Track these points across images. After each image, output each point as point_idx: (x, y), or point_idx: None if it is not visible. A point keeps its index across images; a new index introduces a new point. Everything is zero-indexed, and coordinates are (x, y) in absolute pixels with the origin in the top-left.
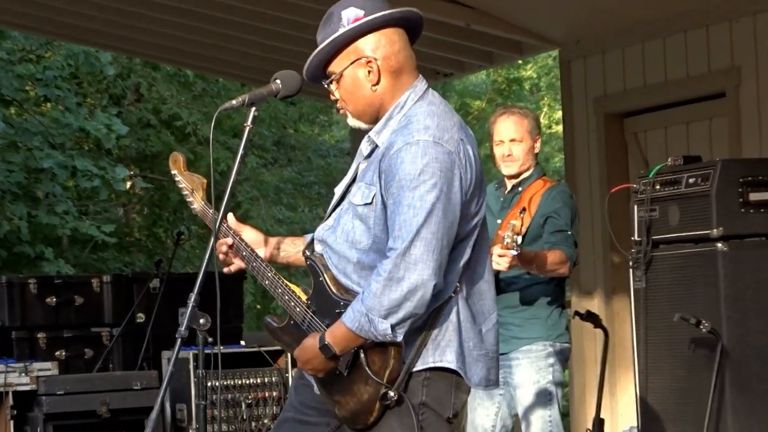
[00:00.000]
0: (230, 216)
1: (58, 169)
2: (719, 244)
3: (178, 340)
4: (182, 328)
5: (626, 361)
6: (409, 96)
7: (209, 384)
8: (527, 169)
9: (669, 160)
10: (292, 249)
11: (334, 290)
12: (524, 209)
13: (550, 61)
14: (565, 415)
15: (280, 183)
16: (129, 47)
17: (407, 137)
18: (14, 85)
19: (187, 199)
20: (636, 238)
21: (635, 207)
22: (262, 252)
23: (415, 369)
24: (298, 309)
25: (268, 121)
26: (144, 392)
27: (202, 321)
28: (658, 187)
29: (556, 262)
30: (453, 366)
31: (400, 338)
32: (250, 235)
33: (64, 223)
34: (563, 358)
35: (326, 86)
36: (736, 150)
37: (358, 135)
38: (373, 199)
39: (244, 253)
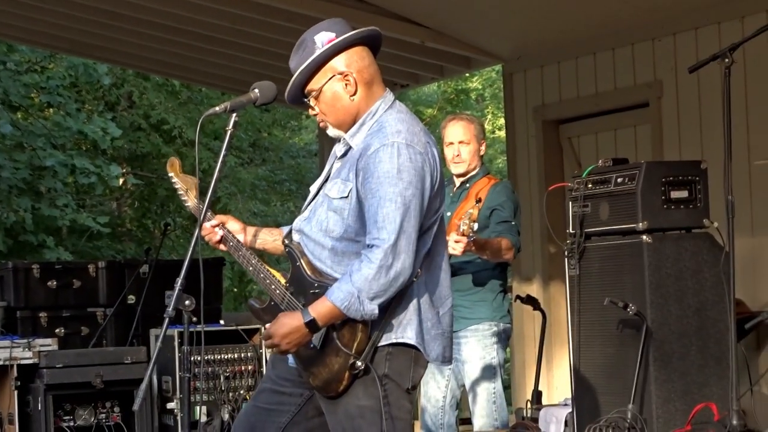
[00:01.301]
0: (231, 220)
1: (59, 167)
2: (644, 237)
3: (166, 319)
4: (169, 309)
5: (562, 339)
6: (380, 105)
7: (192, 359)
8: (474, 168)
9: (599, 162)
10: (269, 237)
11: (309, 274)
12: (480, 200)
13: (494, 74)
14: (507, 387)
15: (256, 180)
16: (123, 60)
17: (383, 139)
18: (21, 93)
19: (182, 198)
20: (570, 230)
21: (570, 203)
22: (242, 238)
23: (379, 344)
24: (278, 291)
25: (245, 126)
26: (134, 366)
27: (187, 302)
28: (590, 185)
29: (504, 249)
30: (413, 342)
31: (376, 317)
32: (233, 225)
33: (64, 215)
34: (506, 336)
35: (306, 103)
36: (658, 153)
37: (325, 138)
38: (349, 194)
39: (231, 243)
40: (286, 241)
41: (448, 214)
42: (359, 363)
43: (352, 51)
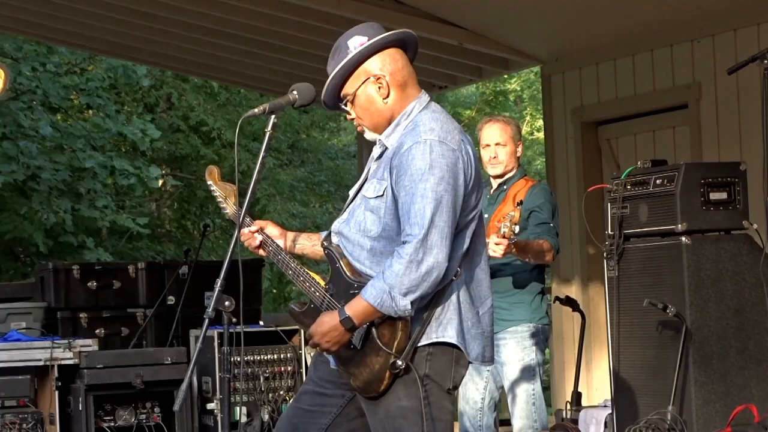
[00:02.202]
0: (270, 225)
1: (99, 168)
2: (683, 238)
3: (205, 320)
4: (209, 310)
5: (601, 341)
6: (414, 106)
7: (232, 359)
8: (511, 170)
9: (638, 163)
10: (307, 242)
11: (349, 274)
12: (520, 202)
13: (533, 75)
14: (546, 389)
15: (294, 182)
16: (162, 61)
17: (416, 137)
18: (61, 95)
19: (221, 205)
20: (609, 232)
21: (609, 205)
22: (281, 243)
23: (419, 344)
24: (317, 293)
25: (284, 127)
26: (174, 366)
27: (226, 303)
28: (629, 187)
29: (544, 250)
30: (454, 341)
31: (413, 313)
32: (272, 230)
33: (104, 216)
34: (544, 338)
35: (343, 108)
36: (697, 155)
37: (363, 140)
38: (384, 192)
39: (270, 248)
40: (325, 243)
41: (486, 216)
42: (399, 362)
43: (385, 53)
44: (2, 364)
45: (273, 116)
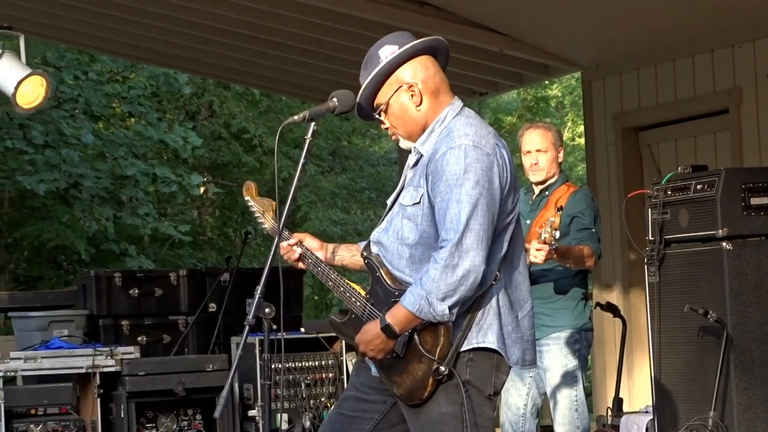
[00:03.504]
0: (308, 238)
1: (141, 176)
2: (724, 243)
3: (246, 327)
4: (250, 317)
5: (642, 346)
6: (448, 112)
7: (273, 366)
8: (552, 176)
9: (679, 168)
10: (347, 254)
11: (389, 282)
12: (561, 208)
13: (574, 81)
14: (588, 394)
15: (336, 188)
16: (203, 69)
17: (450, 143)
18: (103, 103)
19: (259, 220)
20: (650, 237)
21: (649, 210)
22: (321, 255)
23: (461, 350)
24: (358, 303)
25: (324, 134)
26: (215, 373)
27: (267, 310)
28: (669, 192)
29: (585, 256)
30: (494, 346)
31: (452, 319)
32: (311, 242)
33: (146, 224)
34: (587, 344)
35: (377, 117)
36: (737, 160)
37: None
38: (420, 199)
39: (310, 260)
40: (365, 254)
41: (528, 222)
42: (443, 368)
43: (416, 61)
44: (45, 372)
45: (313, 123)
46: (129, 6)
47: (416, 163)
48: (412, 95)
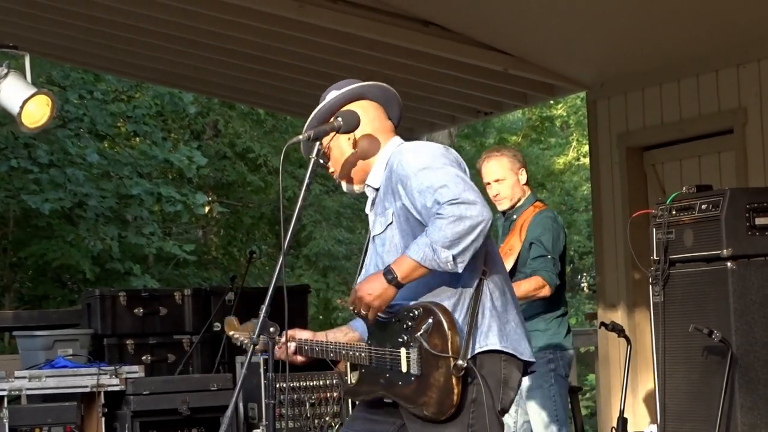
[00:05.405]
0: (299, 331)
1: (146, 195)
2: (729, 263)
3: (251, 347)
4: (254, 336)
5: (647, 366)
6: (388, 147)
7: (277, 385)
8: (519, 200)
9: (684, 188)
10: (340, 335)
11: (381, 314)
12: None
13: (578, 101)
14: (593, 414)
15: (341, 208)
16: (208, 89)
17: (399, 155)
18: (107, 122)
19: (247, 348)
20: (655, 257)
21: (654, 230)
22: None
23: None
24: (363, 354)
25: None
26: (220, 392)
27: (272, 329)
28: (674, 212)
29: (533, 289)
30: (498, 347)
31: (460, 269)
32: (303, 334)
33: (150, 243)
34: (564, 363)
35: (321, 161)
36: (742, 180)
37: None
38: (392, 217)
39: (306, 348)
40: (354, 310)
41: (499, 244)
42: (460, 362)
43: (356, 105)
44: (49, 391)
45: (317, 143)
46: (134, 26)
47: (374, 201)
48: (349, 138)
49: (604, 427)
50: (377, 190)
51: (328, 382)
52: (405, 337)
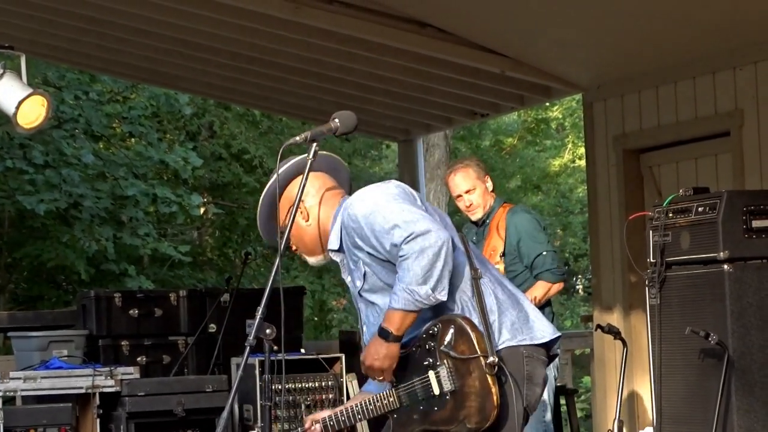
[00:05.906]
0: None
1: (141, 196)
2: (725, 266)
3: (247, 348)
4: (250, 337)
5: (643, 369)
6: (338, 211)
7: (273, 387)
8: (489, 206)
9: (680, 191)
10: (359, 399)
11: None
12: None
13: (574, 103)
14: (588, 416)
15: None
16: (204, 90)
17: (346, 211)
18: (103, 123)
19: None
20: (651, 260)
21: (650, 232)
22: None
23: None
24: (391, 399)
25: None
26: (215, 394)
27: (267, 331)
28: (670, 214)
29: (542, 294)
30: (514, 342)
31: (444, 296)
32: (324, 413)
33: (145, 244)
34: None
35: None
36: (739, 182)
37: (406, 167)
38: (363, 267)
39: (332, 421)
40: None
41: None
42: (491, 358)
43: (299, 179)
44: (44, 392)
45: (314, 144)
46: (130, 27)
47: (344, 263)
48: (300, 212)
49: (600, 430)
50: (339, 251)
51: (323, 384)
52: (430, 360)
